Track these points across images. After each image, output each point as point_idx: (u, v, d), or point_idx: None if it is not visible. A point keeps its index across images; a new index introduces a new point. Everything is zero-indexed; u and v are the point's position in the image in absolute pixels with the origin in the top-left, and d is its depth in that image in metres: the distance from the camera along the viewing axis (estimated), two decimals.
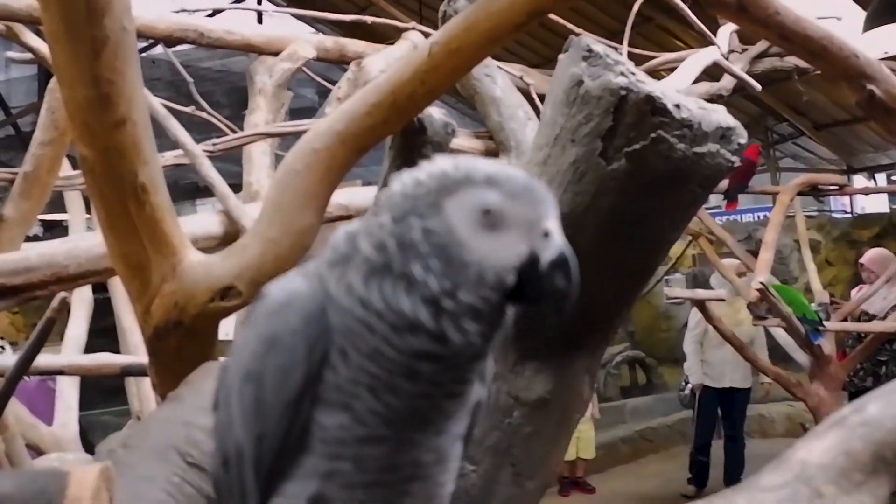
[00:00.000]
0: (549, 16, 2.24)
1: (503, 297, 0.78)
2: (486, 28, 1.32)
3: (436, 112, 1.58)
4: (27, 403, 2.90)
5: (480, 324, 0.77)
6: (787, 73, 4.63)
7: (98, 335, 3.27)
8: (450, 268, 0.77)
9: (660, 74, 3.93)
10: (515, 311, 0.81)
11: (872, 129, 9.11)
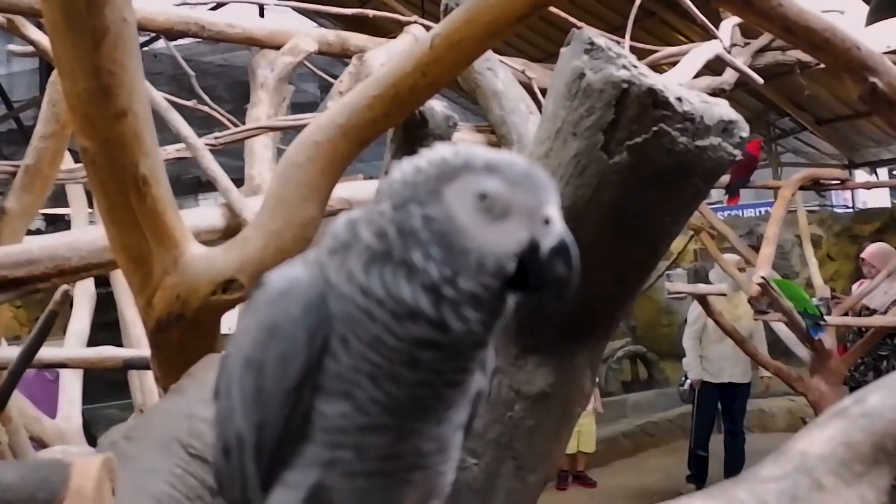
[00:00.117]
0: (551, 9, 2.23)
1: (504, 285, 0.78)
2: (488, 20, 1.32)
3: (437, 105, 1.58)
4: (26, 394, 2.90)
5: (481, 311, 0.77)
6: (790, 68, 4.62)
7: (101, 329, 3.28)
8: (450, 255, 0.76)
9: (662, 68, 3.92)
10: (516, 300, 0.80)
11: (874, 124, 9.09)
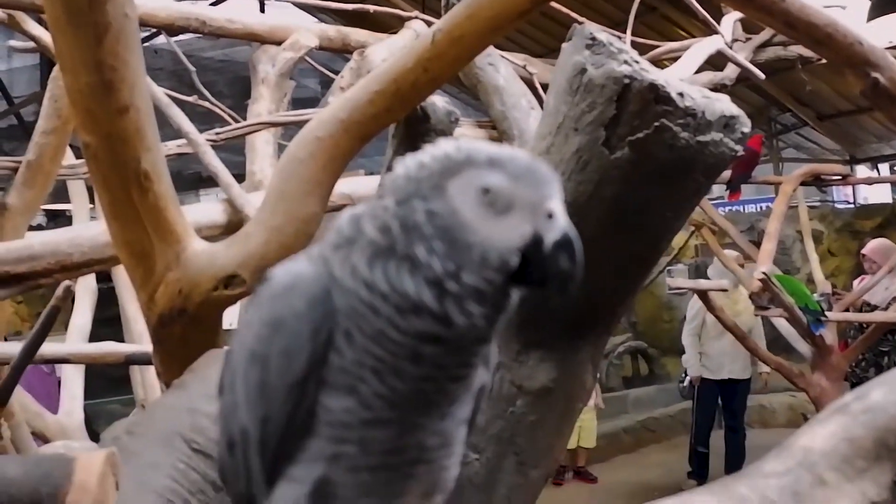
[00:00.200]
0: (552, 5, 2.23)
1: (507, 279, 0.78)
2: (490, 16, 1.32)
3: (439, 100, 1.58)
4: (24, 387, 2.90)
5: (484, 306, 0.77)
6: (791, 63, 4.61)
7: (102, 324, 3.28)
8: (453, 249, 0.76)
9: (663, 64, 3.91)
10: (520, 295, 0.80)
11: (876, 120, 9.07)
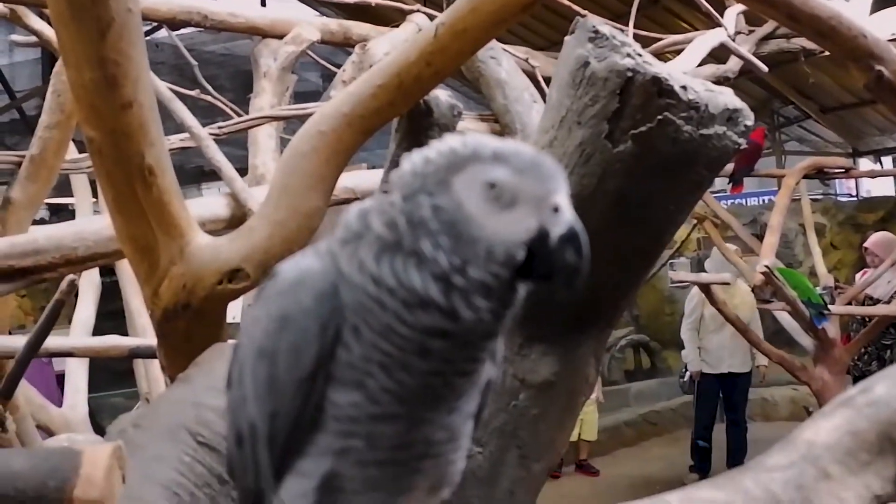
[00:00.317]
0: None
1: (513, 274, 0.78)
2: (493, 9, 1.32)
3: (442, 94, 1.58)
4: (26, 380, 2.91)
5: (491, 300, 0.78)
6: (794, 56, 4.60)
7: (106, 318, 3.29)
8: (459, 244, 0.77)
9: (666, 57, 3.90)
10: (527, 289, 0.80)
11: (879, 113, 9.04)
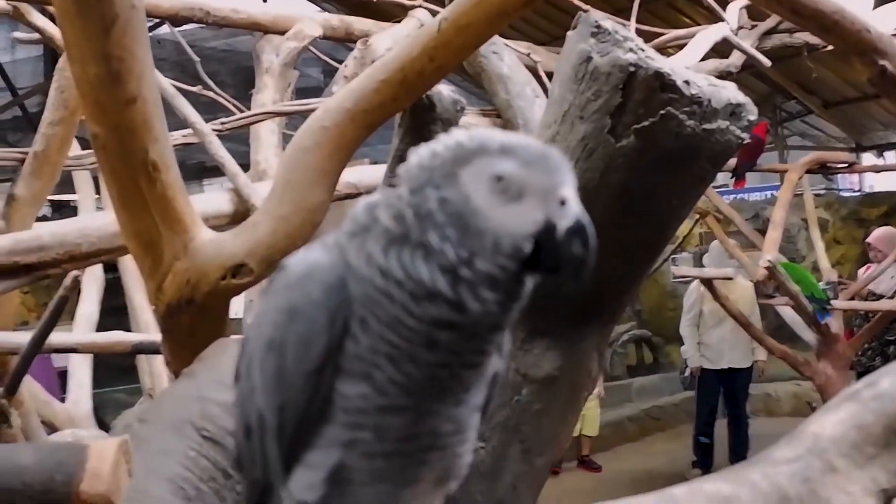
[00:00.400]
0: None
1: (520, 266, 0.78)
2: (496, 3, 1.32)
3: (445, 89, 1.58)
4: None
5: (498, 292, 0.78)
6: (797, 50, 4.58)
7: (108, 314, 3.30)
8: (466, 236, 0.77)
9: (668, 52, 3.89)
10: (534, 282, 0.81)
11: (882, 107, 9.03)
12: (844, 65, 7.28)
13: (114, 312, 3.42)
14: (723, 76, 3.52)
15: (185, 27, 3.92)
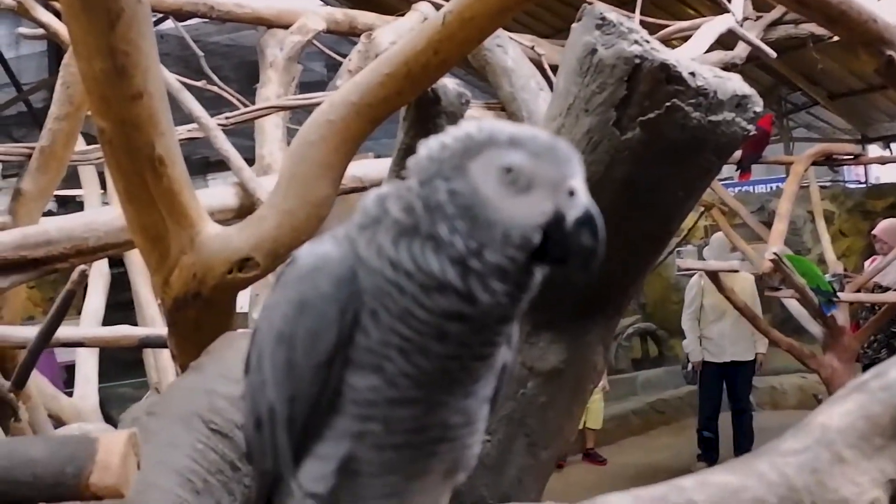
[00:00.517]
0: None
1: (529, 257, 0.78)
2: None
3: (450, 82, 1.58)
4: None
5: (507, 283, 0.78)
6: (802, 41, 4.57)
7: (115, 309, 3.32)
8: (475, 228, 0.77)
9: (672, 44, 3.88)
10: (544, 273, 0.81)
11: (888, 98, 8.97)
12: (850, 56, 7.23)
13: (120, 307, 3.43)
14: (728, 68, 3.50)
15: (189, 22, 3.92)
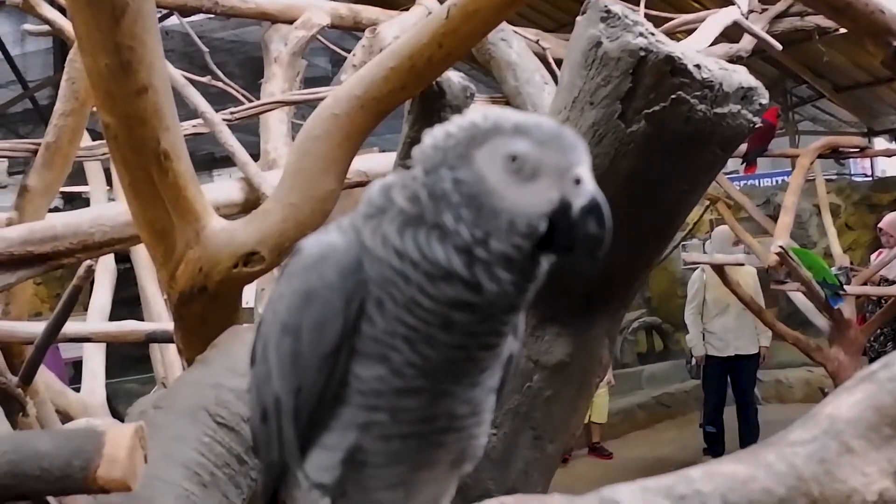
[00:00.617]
0: None
1: (535, 246, 0.78)
2: None
3: (454, 76, 1.58)
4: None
5: (513, 272, 0.78)
6: (808, 34, 4.54)
7: (121, 305, 3.33)
8: (481, 216, 0.77)
9: (677, 37, 3.86)
10: (550, 263, 0.80)
11: (894, 91, 8.93)
12: (856, 48, 7.20)
13: (126, 303, 3.44)
14: (733, 60, 3.49)
15: (194, 18, 3.93)
